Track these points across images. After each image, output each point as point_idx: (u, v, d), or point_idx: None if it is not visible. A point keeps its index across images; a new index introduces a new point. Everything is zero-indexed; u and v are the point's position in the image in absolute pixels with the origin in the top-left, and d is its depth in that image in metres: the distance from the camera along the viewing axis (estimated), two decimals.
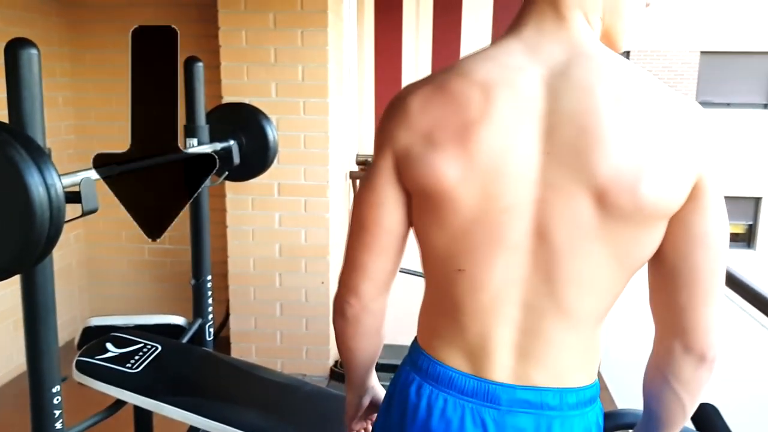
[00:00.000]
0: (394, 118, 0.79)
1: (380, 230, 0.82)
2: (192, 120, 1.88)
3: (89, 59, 3.12)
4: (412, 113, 0.77)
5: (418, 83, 0.80)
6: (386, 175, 0.80)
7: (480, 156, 0.72)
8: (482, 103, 0.73)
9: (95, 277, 3.33)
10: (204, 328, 2.01)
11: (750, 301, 1.48)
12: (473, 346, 0.80)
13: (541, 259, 0.74)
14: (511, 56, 0.75)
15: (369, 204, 0.82)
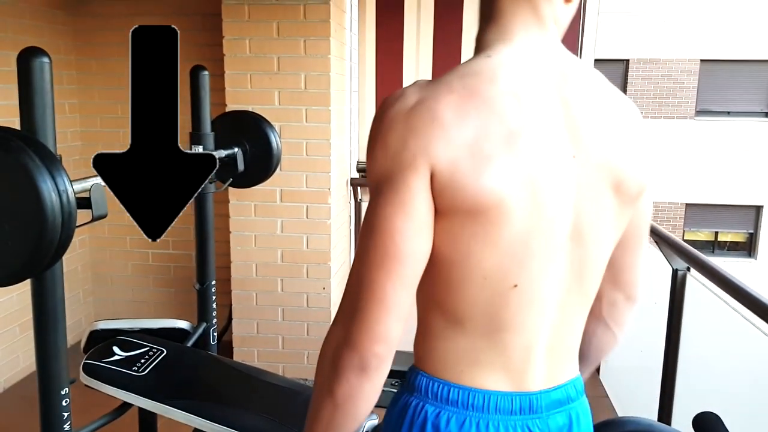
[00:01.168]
0: (426, 129, 0.70)
1: (414, 260, 0.71)
2: (197, 128, 1.90)
3: (95, 67, 3.15)
4: (449, 123, 0.70)
5: (436, 89, 0.72)
6: (422, 196, 0.70)
7: (527, 165, 0.71)
8: (518, 111, 0.72)
9: (100, 281, 3.35)
10: (208, 332, 2.02)
11: (752, 309, 1.49)
12: (516, 362, 0.78)
13: (576, 258, 0.78)
14: (521, 65, 0.75)
15: (402, 231, 0.70)
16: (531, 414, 0.79)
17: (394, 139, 0.71)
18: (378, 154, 0.72)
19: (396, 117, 0.72)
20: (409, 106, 0.72)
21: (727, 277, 1.66)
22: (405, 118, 0.71)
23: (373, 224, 0.71)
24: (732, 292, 1.62)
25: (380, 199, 0.71)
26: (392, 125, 0.72)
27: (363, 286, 0.70)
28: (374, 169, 0.73)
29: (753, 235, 11.37)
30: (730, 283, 1.63)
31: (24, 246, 1.06)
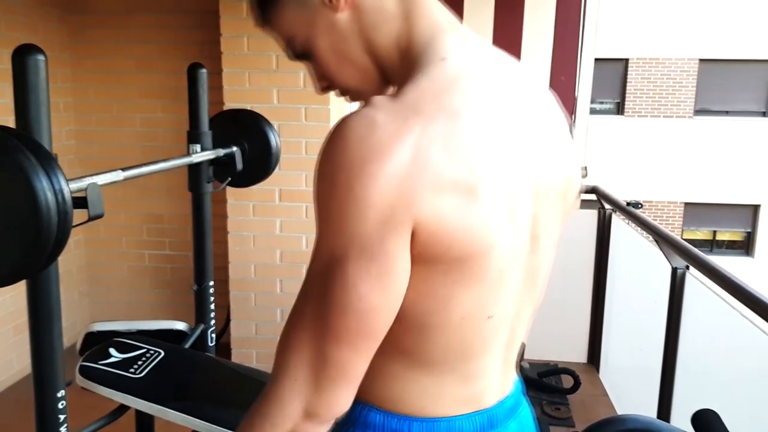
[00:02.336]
0: (411, 174, 0.57)
1: (383, 333, 0.62)
2: (195, 126, 1.89)
3: (90, 65, 3.13)
4: (436, 162, 0.58)
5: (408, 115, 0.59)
6: (402, 261, 0.59)
7: (507, 191, 0.64)
8: (490, 124, 0.64)
9: (95, 282, 3.33)
10: (206, 334, 2.01)
11: (751, 307, 1.49)
12: (478, 385, 0.74)
13: (531, 267, 0.73)
14: (476, 65, 0.67)
15: (379, 310, 0.60)
16: (491, 429, 0.76)
17: (367, 192, 0.56)
18: (343, 210, 0.57)
19: (367, 158, 0.56)
20: (382, 143, 0.56)
21: (727, 276, 1.65)
22: (380, 161, 0.56)
23: (341, 302, 0.58)
24: (731, 290, 1.61)
25: (349, 269, 0.58)
26: (363, 171, 0.56)
27: (329, 365, 0.61)
28: (336, 230, 0.58)
29: (751, 234, 11.39)
30: (729, 281, 1.63)
31: (19, 246, 1.05)
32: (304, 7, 0.72)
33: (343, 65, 0.73)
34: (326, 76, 0.75)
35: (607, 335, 3.00)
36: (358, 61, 0.72)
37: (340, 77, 0.74)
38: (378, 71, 0.73)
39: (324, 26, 0.71)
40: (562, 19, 3.22)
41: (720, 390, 1.87)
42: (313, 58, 0.74)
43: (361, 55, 0.72)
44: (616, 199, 2.88)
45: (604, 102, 11.39)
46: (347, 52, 0.72)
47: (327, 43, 0.72)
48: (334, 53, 0.72)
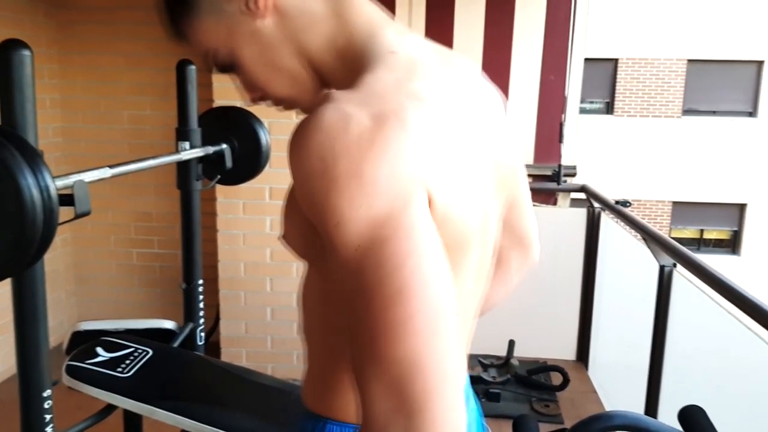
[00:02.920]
0: (410, 149, 0.53)
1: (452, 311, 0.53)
2: (184, 123, 1.88)
3: (78, 61, 3.10)
4: (427, 138, 0.55)
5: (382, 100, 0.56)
6: (433, 227, 0.54)
7: (478, 176, 0.63)
8: (466, 123, 0.63)
9: (83, 281, 3.30)
10: (195, 333, 2.00)
11: (736, 304, 1.50)
12: None
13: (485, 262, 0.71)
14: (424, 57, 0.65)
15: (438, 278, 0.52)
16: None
17: (375, 171, 0.51)
18: (356, 197, 0.51)
19: (361, 141, 0.52)
20: (370, 125, 0.53)
21: (713, 273, 1.67)
22: (379, 138, 0.52)
23: (397, 287, 0.50)
24: (717, 287, 1.63)
25: (388, 251, 0.50)
26: (363, 152, 0.52)
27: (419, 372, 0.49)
28: (358, 217, 0.51)
29: (737, 232, 11.51)
30: (715, 279, 1.64)
31: (4, 244, 1.04)
32: (222, 17, 0.66)
33: (273, 74, 0.69)
34: (256, 87, 0.71)
35: (595, 333, 3.02)
36: (289, 67, 0.68)
37: (271, 87, 0.70)
38: (313, 75, 0.69)
39: (246, 35, 0.67)
40: (552, 18, 3.23)
41: (706, 386, 1.88)
42: (239, 69, 0.69)
43: (292, 61, 0.68)
44: (605, 198, 2.89)
45: (593, 102, 11.45)
46: (276, 60, 0.68)
47: (252, 52, 0.67)
48: (262, 63, 0.68)
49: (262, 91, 0.71)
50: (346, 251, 0.52)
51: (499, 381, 2.72)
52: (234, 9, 0.66)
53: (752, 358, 1.64)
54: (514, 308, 3.05)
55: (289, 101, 0.72)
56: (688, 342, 2.03)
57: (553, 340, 3.09)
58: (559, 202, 3.39)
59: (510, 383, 2.74)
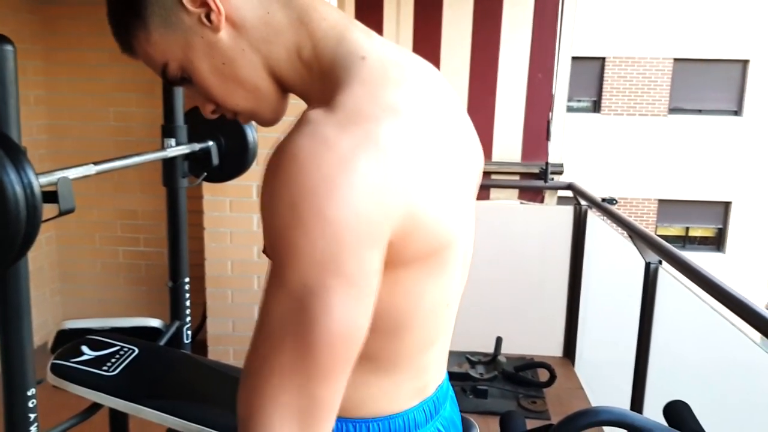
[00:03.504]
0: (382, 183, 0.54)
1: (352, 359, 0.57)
2: (170, 120, 1.86)
3: (63, 57, 3.07)
4: (402, 163, 0.56)
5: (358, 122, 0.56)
6: (378, 274, 0.56)
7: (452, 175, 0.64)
8: (440, 127, 0.64)
9: (67, 280, 3.27)
10: (181, 331, 1.99)
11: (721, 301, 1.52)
12: (428, 374, 0.75)
13: (465, 252, 0.75)
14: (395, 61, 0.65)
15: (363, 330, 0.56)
16: (437, 414, 0.77)
17: (341, 213, 0.52)
18: (314, 238, 0.52)
19: (332, 178, 0.52)
20: (343, 158, 0.53)
21: (698, 270, 1.68)
22: (347, 177, 0.52)
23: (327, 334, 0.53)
24: (702, 284, 1.64)
25: (329, 299, 0.53)
26: (332, 192, 0.52)
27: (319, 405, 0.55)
28: (308, 260, 0.52)
29: (722, 230, 11.64)
30: (700, 276, 1.66)
31: None
32: (176, 30, 0.64)
33: (231, 86, 0.67)
34: (212, 99, 0.69)
35: (582, 329, 3.04)
36: (249, 79, 0.67)
37: (228, 100, 0.68)
38: (276, 87, 0.68)
39: (203, 48, 0.65)
40: (539, 17, 3.24)
41: (691, 382, 1.90)
42: (195, 82, 0.68)
43: (254, 72, 0.66)
44: (592, 196, 2.91)
45: (581, 100, 11.52)
46: (235, 73, 0.66)
47: (209, 65, 0.66)
48: (219, 75, 0.66)
49: (220, 104, 0.69)
50: (293, 284, 0.53)
51: (486, 378, 2.73)
52: (191, 21, 0.64)
53: (736, 353, 1.66)
54: (502, 305, 3.06)
55: (248, 114, 0.71)
56: (673, 338, 2.06)
57: (540, 337, 3.11)
58: (547, 200, 3.41)
59: (497, 380, 2.75)
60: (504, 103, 3.34)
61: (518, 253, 3.07)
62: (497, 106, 3.34)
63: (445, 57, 3.29)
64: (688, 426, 1.12)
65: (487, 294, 3.06)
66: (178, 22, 0.64)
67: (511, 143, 3.38)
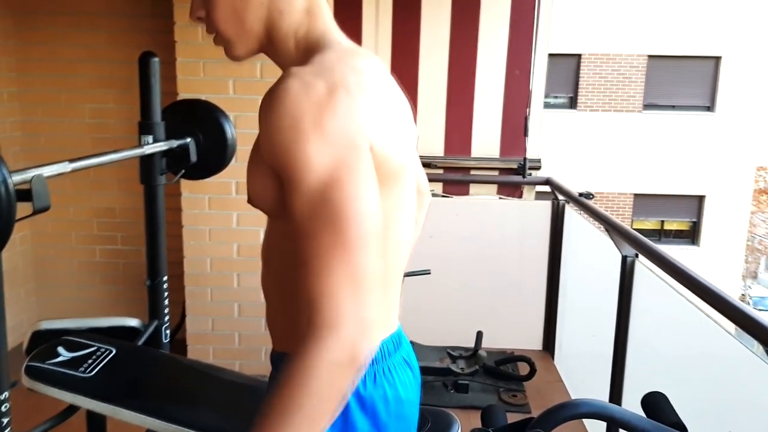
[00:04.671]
0: (357, 109, 0.73)
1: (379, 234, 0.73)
2: (147, 117, 1.84)
3: (37, 53, 3.00)
4: (368, 101, 0.75)
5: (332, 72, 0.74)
6: (372, 168, 0.73)
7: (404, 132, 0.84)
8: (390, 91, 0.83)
9: (43, 279, 3.21)
10: (160, 330, 1.96)
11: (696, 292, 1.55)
12: (394, 308, 0.89)
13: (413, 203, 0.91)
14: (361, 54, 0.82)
15: (377, 211, 0.72)
16: (399, 346, 0.89)
17: (333, 122, 0.70)
18: (317, 143, 0.69)
19: (321, 101, 0.71)
20: (325, 91, 0.71)
21: (673, 263, 1.72)
22: (332, 101, 0.71)
23: (352, 212, 0.69)
24: (678, 276, 1.68)
25: (345, 185, 0.69)
26: (323, 109, 0.70)
27: (365, 273, 0.69)
28: (318, 161, 0.69)
29: (696, 223, 11.86)
30: (676, 269, 1.69)
31: None
32: None
33: (232, 16, 0.82)
34: (210, 13, 0.83)
35: (561, 322, 3.08)
36: (248, 22, 0.82)
37: (221, 22, 0.83)
38: (261, 38, 0.84)
39: None
40: (516, 15, 3.26)
41: (668, 373, 1.94)
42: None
43: (255, 20, 0.82)
44: (569, 191, 2.95)
45: (558, 96, 11.63)
46: (243, 10, 0.81)
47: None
48: (229, 4, 0.81)
49: (211, 20, 0.83)
50: (310, 186, 0.70)
51: (467, 372, 2.75)
52: None
53: (712, 344, 1.69)
54: (482, 300, 3.09)
55: (225, 40, 0.85)
56: (650, 330, 2.09)
57: (520, 331, 3.14)
58: (525, 195, 3.43)
59: (478, 374, 2.77)
60: (482, 99, 3.35)
61: (498, 247, 3.10)
62: (476, 102, 3.35)
63: (423, 55, 3.30)
64: (666, 416, 1.14)
65: (467, 288, 3.08)
66: None
67: (489, 139, 3.39)
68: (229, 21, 0.82)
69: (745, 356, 1.45)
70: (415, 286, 2.52)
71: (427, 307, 2.96)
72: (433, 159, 3.37)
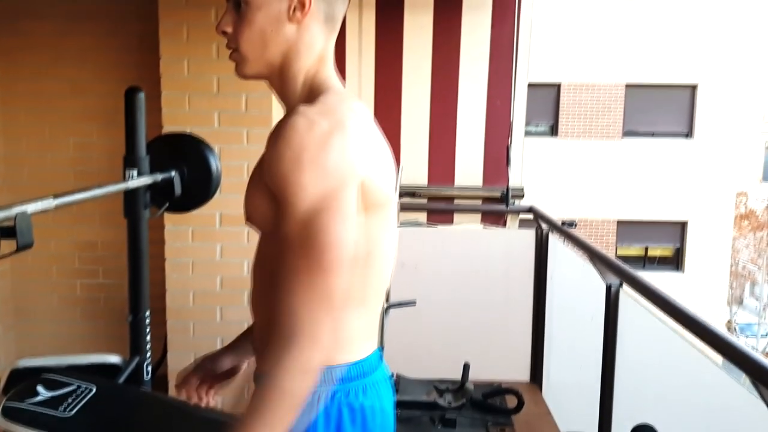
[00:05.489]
0: (354, 147, 0.85)
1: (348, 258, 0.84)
2: (132, 151, 1.83)
3: (21, 88, 3.00)
4: (364, 141, 0.88)
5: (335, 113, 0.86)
6: (355, 204, 0.85)
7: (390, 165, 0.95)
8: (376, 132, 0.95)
9: (23, 315, 3.15)
10: (142, 367, 1.93)
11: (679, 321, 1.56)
12: (376, 325, 0.98)
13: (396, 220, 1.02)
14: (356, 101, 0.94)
15: (349, 242, 0.83)
16: (380, 361, 0.99)
17: (328, 160, 0.82)
18: (312, 176, 0.81)
19: (321, 139, 0.82)
20: (327, 130, 0.83)
21: (657, 292, 1.72)
22: (331, 140, 0.82)
23: (328, 241, 0.81)
24: (662, 305, 1.68)
25: (325, 217, 0.82)
26: (322, 147, 0.82)
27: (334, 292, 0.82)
28: (310, 192, 0.81)
29: (680, 249, 11.99)
30: (659, 297, 1.70)
31: None
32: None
33: (257, 40, 0.91)
34: (237, 31, 0.92)
35: (548, 353, 3.07)
36: (270, 52, 0.92)
37: (246, 43, 0.92)
38: (271, 71, 0.94)
39: (274, 13, 0.90)
40: (496, 47, 3.33)
41: (656, 404, 1.93)
42: (242, 13, 0.91)
43: (277, 54, 0.93)
44: (552, 219, 2.97)
45: (539, 124, 11.82)
46: (270, 39, 0.91)
47: (264, 20, 0.91)
48: (260, 30, 0.91)
49: (236, 36, 0.92)
50: (300, 211, 0.82)
51: (454, 406, 2.72)
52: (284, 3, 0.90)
53: (699, 375, 1.70)
54: (468, 329, 3.07)
55: (242, 58, 0.94)
56: (638, 360, 2.09)
57: (507, 362, 3.12)
58: (509, 224, 3.45)
59: (466, 408, 2.74)
60: (465, 130, 3.39)
61: (483, 276, 3.09)
62: (458, 133, 3.40)
63: (406, 86, 3.34)
64: None
65: (453, 319, 3.07)
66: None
67: (472, 168, 3.43)
68: (254, 43, 0.91)
69: (733, 388, 1.45)
70: (400, 317, 2.51)
71: (413, 339, 2.94)
72: (417, 188, 3.39)
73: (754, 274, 18.18)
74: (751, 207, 17.57)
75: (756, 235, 17.43)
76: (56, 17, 2.97)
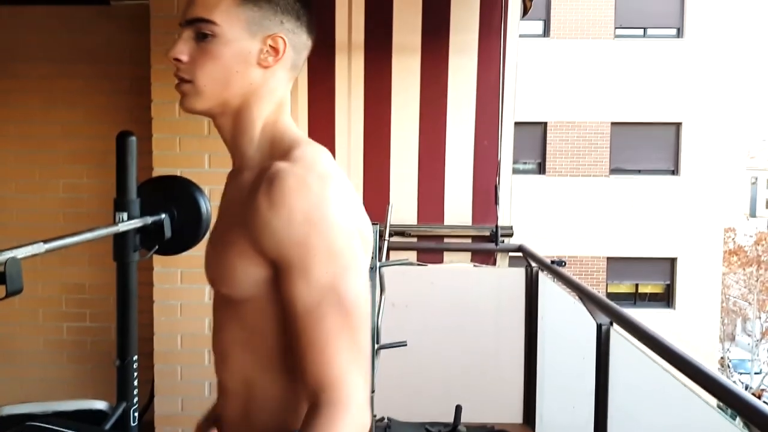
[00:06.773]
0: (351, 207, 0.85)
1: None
2: (123, 194, 1.84)
3: (12, 131, 3.02)
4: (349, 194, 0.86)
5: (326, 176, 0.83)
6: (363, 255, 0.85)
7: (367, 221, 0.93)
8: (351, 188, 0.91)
9: (8, 359, 3.09)
10: (128, 413, 1.89)
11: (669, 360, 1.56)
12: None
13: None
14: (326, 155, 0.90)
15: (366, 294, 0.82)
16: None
17: (336, 217, 0.79)
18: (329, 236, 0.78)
19: (322, 197, 0.79)
20: (322, 186, 0.80)
21: (646, 331, 1.73)
22: (330, 196, 0.80)
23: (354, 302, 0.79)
24: (652, 346, 1.68)
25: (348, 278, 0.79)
26: (326, 205, 0.79)
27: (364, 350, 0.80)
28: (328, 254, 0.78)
29: (670, 286, 12.02)
30: (650, 337, 1.70)
31: None
32: (251, 27, 0.84)
33: (218, 77, 0.85)
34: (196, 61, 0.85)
35: (540, 393, 3.04)
36: (229, 91, 0.86)
37: (205, 77, 0.85)
38: (224, 110, 0.88)
39: (244, 53, 0.85)
40: (482, 88, 3.40)
41: None
42: (206, 44, 0.84)
43: (236, 95, 0.87)
44: (541, 258, 2.98)
45: (527, 162, 11.97)
46: (231, 79, 0.85)
47: (230, 59, 0.85)
48: (223, 67, 0.85)
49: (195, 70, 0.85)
50: (320, 275, 0.78)
51: None
52: (260, 42, 0.85)
53: (693, 416, 1.69)
54: (460, 370, 3.04)
55: (194, 90, 0.86)
56: (630, 401, 2.07)
57: (499, 403, 3.08)
58: (499, 262, 3.46)
59: None
60: (453, 169, 3.44)
61: (473, 316, 3.08)
62: (447, 172, 3.44)
63: (395, 128, 3.39)
64: None
65: (444, 360, 3.04)
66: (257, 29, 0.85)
67: (461, 207, 3.46)
68: (215, 80, 0.85)
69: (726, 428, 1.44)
70: (391, 358, 2.49)
71: (404, 381, 2.91)
72: (406, 227, 3.40)
73: (745, 310, 18.22)
74: (739, 243, 17.73)
75: (746, 271, 17.53)
76: (48, 60, 3.01)
